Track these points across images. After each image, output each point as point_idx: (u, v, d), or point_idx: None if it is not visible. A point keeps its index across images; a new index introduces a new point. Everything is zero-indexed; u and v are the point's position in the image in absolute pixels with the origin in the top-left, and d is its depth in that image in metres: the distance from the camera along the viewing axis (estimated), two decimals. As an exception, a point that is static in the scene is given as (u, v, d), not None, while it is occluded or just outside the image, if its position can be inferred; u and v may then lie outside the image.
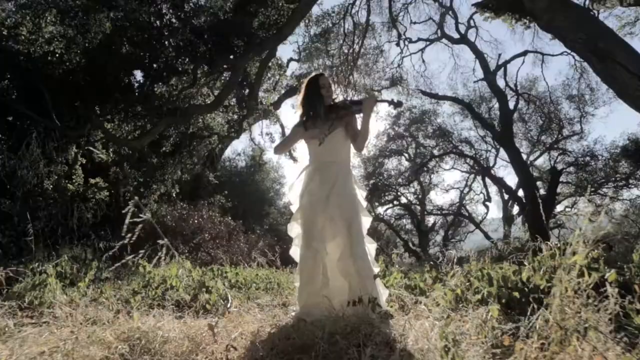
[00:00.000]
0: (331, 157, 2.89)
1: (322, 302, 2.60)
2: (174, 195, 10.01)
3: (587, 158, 17.22)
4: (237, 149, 39.04)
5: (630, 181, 17.09)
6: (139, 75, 7.41)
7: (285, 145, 3.42)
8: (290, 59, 15.82)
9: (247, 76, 9.39)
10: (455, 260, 3.45)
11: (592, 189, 17.61)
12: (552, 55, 17.16)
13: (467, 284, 2.91)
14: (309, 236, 2.77)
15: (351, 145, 2.95)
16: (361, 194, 2.98)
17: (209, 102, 8.65)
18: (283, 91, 16.15)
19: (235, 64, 7.73)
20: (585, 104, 17.78)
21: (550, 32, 6.61)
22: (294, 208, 3.02)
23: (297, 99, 3.14)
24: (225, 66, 8.27)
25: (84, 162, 7.82)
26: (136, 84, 7.32)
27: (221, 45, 7.21)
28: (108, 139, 7.78)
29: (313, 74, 3.21)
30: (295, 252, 3.00)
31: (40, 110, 6.66)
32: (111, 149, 8.22)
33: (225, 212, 12.20)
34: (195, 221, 10.30)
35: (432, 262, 3.80)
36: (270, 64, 9.26)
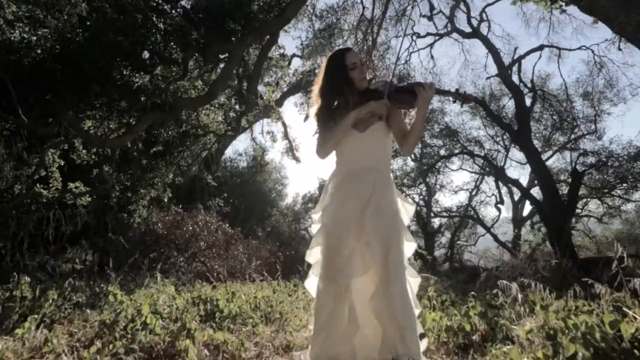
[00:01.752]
0: (369, 162, 2.09)
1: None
2: (165, 201, 9.16)
3: (605, 158, 16.37)
4: (239, 149, 38.47)
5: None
6: (121, 65, 6.55)
7: (330, 145, 2.13)
8: (294, 55, 15.06)
9: (245, 67, 8.55)
10: (518, 295, 2.53)
11: (606, 190, 16.91)
12: (570, 50, 16.37)
13: (549, 342, 2.05)
14: (331, 267, 2.04)
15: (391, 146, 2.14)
16: (407, 211, 2.16)
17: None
18: (286, 88, 15.38)
19: (232, 51, 6.88)
20: (601, 102, 17.04)
21: (593, 14, 5.76)
22: (314, 229, 2.21)
23: (314, 87, 2.22)
24: (220, 56, 7.42)
25: (62, 164, 6.94)
26: (118, 75, 6.46)
27: (215, 30, 6.37)
28: (83, 138, 6.89)
29: (336, 49, 2.29)
30: (311, 283, 2.20)
31: (4, 104, 5.80)
32: (93, 150, 7.34)
33: (224, 217, 11.43)
34: (190, 228, 9.51)
35: (478, 294, 2.93)
36: (270, 54, 8.43)
